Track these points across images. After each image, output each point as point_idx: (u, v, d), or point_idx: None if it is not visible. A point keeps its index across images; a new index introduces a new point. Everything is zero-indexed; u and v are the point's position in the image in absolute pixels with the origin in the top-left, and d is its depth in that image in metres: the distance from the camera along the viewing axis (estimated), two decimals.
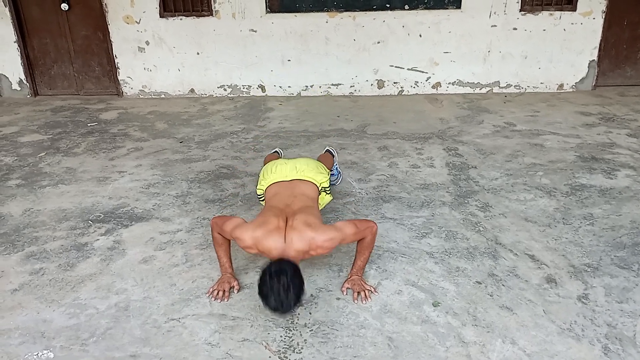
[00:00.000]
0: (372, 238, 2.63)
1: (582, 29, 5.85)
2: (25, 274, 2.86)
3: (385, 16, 5.91)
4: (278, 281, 2.21)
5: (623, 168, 3.98)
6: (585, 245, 2.99)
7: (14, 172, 4.24)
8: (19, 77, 6.40)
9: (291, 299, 2.24)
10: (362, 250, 2.64)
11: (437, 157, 4.28)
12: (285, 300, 2.22)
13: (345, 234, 2.54)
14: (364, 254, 2.65)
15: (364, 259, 2.66)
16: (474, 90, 6.18)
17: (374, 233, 2.63)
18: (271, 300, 2.23)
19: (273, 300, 2.23)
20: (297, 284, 2.27)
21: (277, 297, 2.22)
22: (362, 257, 2.65)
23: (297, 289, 2.26)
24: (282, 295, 2.21)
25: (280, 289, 2.21)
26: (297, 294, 2.26)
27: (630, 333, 2.31)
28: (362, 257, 2.65)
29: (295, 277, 2.27)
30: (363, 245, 2.63)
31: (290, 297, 2.23)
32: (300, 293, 2.28)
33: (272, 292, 2.22)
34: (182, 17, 6.05)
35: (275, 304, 2.23)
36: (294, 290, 2.24)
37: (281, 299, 2.22)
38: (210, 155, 4.49)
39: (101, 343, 2.34)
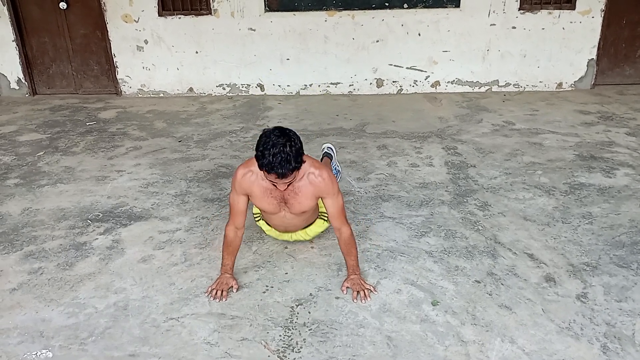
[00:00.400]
0: (352, 234, 2.63)
1: (581, 28, 5.85)
2: (24, 273, 2.86)
3: (385, 15, 5.91)
4: (277, 135, 2.27)
5: (622, 167, 3.98)
6: (584, 244, 2.99)
7: (13, 171, 4.23)
8: (18, 76, 6.39)
9: (292, 155, 2.25)
10: (348, 249, 2.63)
11: (436, 156, 4.28)
12: (283, 154, 2.23)
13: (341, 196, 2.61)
14: (351, 252, 2.64)
15: (354, 257, 2.65)
16: (473, 89, 6.18)
17: (351, 231, 2.64)
18: (269, 156, 2.24)
19: (271, 156, 2.23)
20: (297, 141, 2.32)
21: (279, 152, 2.23)
22: (352, 255, 2.65)
23: (297, 145, 2.31)
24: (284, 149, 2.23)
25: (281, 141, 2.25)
26: (297, 149, 2.30)
27: (629, 332, 2.31)
28: (352, 255, 2.65)
29: (294, 134, 2.32)
30: (346, 244, 2.62)
31: (292, 149, 2.26)
32: (300, 149, 2.32)
33: (271, 146, 2.23)
34: (180, 15, 6.04)
35: (273, 158, 2.23)
36: (294, 144, 2.28)
37: (280, 153, 2.23)
38: (209, 154, 4.48)
39: (100, 342, 2.33)
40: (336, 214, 2.60)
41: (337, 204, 2.59)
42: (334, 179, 2.58)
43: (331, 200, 2.57)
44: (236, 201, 2.61)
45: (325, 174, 2.54)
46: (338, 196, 2.59)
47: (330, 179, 2.55)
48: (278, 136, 2.28)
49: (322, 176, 2.53)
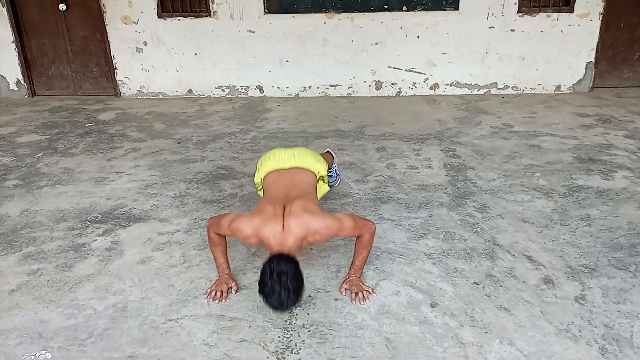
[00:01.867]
0: (370, 237, 2.63)
1: (579, 31, 5.87)
2: (23, 274, 2.85)
3: (383, 17, 5.92)
4: (279, 282, 2.22)
5: (620, 169, 4.00)
6: (582, 246, 3.00)
7: (12, 172, 4.23)
8: (17, 78, 6.39)
9: (291, 300, 2.26)
10: (360, 249, 2.64)
11: (434, 158, 4.29)
12: (286, 300, 2.24)
13: (344, 225, 2.53)
14: (361, 253, 2.64)
15: (362, 259, 2.66)
16: (471, 91, 6.19)
17: (372, 232, 2.63)
18: (272, 300, 2.25)
19: (274, 300, 2.25)
20: (297, 285, 2.28)
21: (278, 298, 2.23)
22: (360, 256, 2.65)
23: (297, 290, 2.28)
24: (282, 295, 2.22)
25: (281, 289, 2.22)
26: (297, 294, 2.28)
27: (628, 334, 2.32)
28: (360, 256, 2.65)
29: (296, 277, 2.27)
30: (361, 244, 2.63)
31: (290, 298, 2.25)
32: (300, 292, 2.30)
33: (273, 293, 2.23)
34: (180, 17, 6.05)
35: (275, 303, 2.26)
36: (294, 290, 2.25)
37: (281, 300, 2.23)
38: (208, 155, 4.49)
39: (99, 344, 2.33)
40: (351, 234, 2.60)
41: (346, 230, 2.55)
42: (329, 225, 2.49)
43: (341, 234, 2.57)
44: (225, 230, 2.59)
45: (319, 235, 2.48)
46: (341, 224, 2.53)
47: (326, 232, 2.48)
48: (279, 283, 2.24)
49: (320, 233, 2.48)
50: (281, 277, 2.23)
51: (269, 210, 2.50)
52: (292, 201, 2.55)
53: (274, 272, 2.25)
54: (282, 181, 2.79)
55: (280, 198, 2.62)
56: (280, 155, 2.97)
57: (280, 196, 2.64)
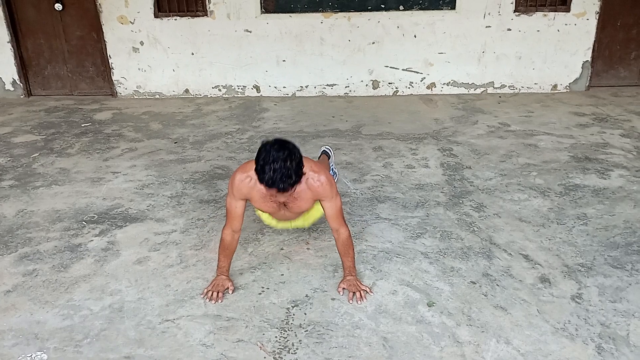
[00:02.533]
0: (350, 236, 2.62)
1: (576, 30, 5.88)
2: (19, 275, 2.84)
3: (380, 17, 5.92)
4: (277, 149, 2.21)
5: (616, 168, 4.00)
6: (579, 245, 3.00)
7: (7, 172, 4.22)
8: (13, 78, 6.37)
9: (292, 166, 2.21)
10: (345, 251, 2.63)
11: (431, 158, 4.29)
12: (284, 169, 2.19)
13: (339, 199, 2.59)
14: (348, 253, 2.64)
15: (351, 258, 2.65)
16: (468, 90, 6.19)
17: (349, 233, 2.63)
18: (269, 171, 2.19)
19: (271, 172, 2.18)
20: (298, 156, 2.27)
21: (276, 166, 2.18)
22: (348, 257, 2.65)
23: (298, 160, 2.26)
24: (281, 161, 2.18)
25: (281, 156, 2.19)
26: (298, 164, 2.25)
27: (624, 332, 2.32)
28: (348, 257, 2.65)
29: (296, 148, 2.28)
30: (343, 245, 2.62)
31: (291, 165, 2.21)
32: (300, 165, 2.27)
33: (272, 161, 2.18)
34: (176, 17, 6.03)
35: (274, 174, 2.18)
36: (295, 159, 2.24)
37: (280, 168, 2.18)
38: (205, 155, 4.48)
39: (95, 344, 2.33)
40: (334, 215, 2.60)
41: (335, 206, 2.58)
42: (332, 182, 2.57)
43: (329, 203, 2.57)
44: (234, 205, 2.60)
45: (324, 177, 2.53)
46: (336, 198, 2.58)
47: (328, 182, 2.54)
48: (278, 150, 2.21)
49: (320, 180, 2.52)
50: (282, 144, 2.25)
51: None
52: None
53: (274, 142, 2.26)
54: None
55: None
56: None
57: None
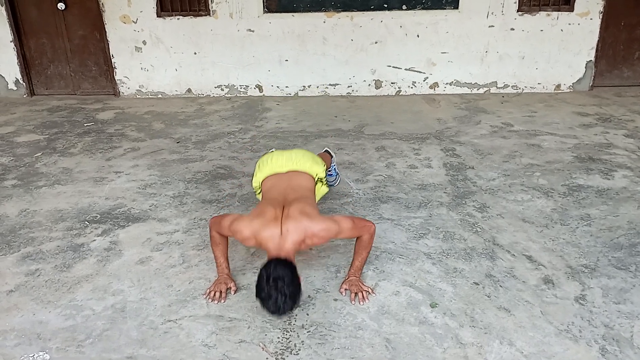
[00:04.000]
0: (370, 238, 2.63)
1: (579, 30, 5.86)
2: (21, 275, 2.84)
3: (383, 16, 5.91)
4: (275, 287, 2.24)
5: (620, 169, 3.99)
6: (582, 246, 2.99)
7: (10, 172, 4.22)
8: (16, 77, 6.38)
9: (288, 305, 2.28)
10: (360, 250, 2.64)
11: (434, 158, 4.28)
12: (282, 305, 2.27)
13: (342, 227, 2.54)
14: (361, 254, 2.64)
15: (362, 260, 2.65)
16: (471, 90, 6.18)
17: (372, 233, 2.63)
18: (268, 304, 2.28)
19: (270, 305, 2.28)
20: (294, 290, 2.29)
21: (274, 303, 2.26)
22: (360, 257, 2.65)
23: (294, 295, 2.30)
24: (279, 300, 2.25)
25: (278, 295, 2.24)
26: (293, 300, 2.30)
27: (628, 334, 2.31)
28: (360, 257, 2.65)
29: (292, 282, 2.28)
30: (360, 245, 2.63)
31: (287, 303, 2.27)
32: (296, 298, 2.32)
33: (269, 298, 2.25)
34: (179, 16, 6.03)
35: (272, 308, 2.29)
36: (291, 296, 2.27)
37: (278, 304, 2.26)
38: (208, 155, 4.48)
39: (97, 344, 2.32)
40: (351, 235, 2.60)
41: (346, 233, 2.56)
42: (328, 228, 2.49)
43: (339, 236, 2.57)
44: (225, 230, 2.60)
45: (318, 238, 2.49)
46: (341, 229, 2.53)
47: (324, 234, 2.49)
48: (276, 288, 2.24)
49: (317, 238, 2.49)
50: (277, 283, 2.24)
51: (268, 212, 2.51)
52: (291, 204, 2.56)
53: (270, 277, 2.26)
54: (280, 185, 2.80)
55: (279, 201, 2.62)
56: (278, 159, 2.97)
57: (279, 199, 2.64)
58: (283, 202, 2.60)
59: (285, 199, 2.65)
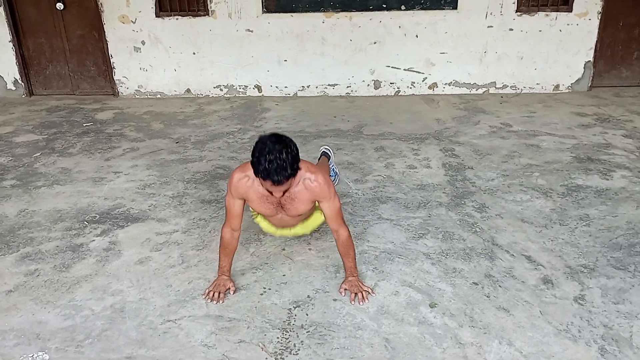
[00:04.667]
0: (350, 235, 2.62)
1: (578, 30, 5.87)
2: (20, 275, 2.84)
3: (382, 16, 5.91)
4: (273, 142, 2.23)
5: (619, 169, 3.99)
6: (581, 246, 2.99)
7: (9, 172, 4.21)
8: (14, 77, 6.37)
9: (287, 162, 2.23)
10: (345, 251, 2.63)
11: (433, 158, 4.28)
12: (279, 160, 2.20)
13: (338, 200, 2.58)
14: (348, 254, 2.63)
15: (352, 259, 2.65)
16: (470, 90, 6.18)
17: (349, 233, 2.62)
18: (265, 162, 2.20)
19: (267, 163, 2.20)
20: (294, 148, 2.30)
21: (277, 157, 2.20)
22: (349, 257, 2.64)
23: (294, 152, 2.29)
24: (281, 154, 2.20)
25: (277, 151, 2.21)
26: (294, 157, 2.27)
27: (627, 334, 2.32)
28: (349, 257, 2.64)
29: (292, 142, 2.31)
30: (343, 245, 2.61)
31: (287, 159, 2.22)
32: (296, 157, 2.29)
33: (269, 153, 2.20)
34: (178, 17, 6.03)
35: (269, 166, 2.20)
36: (292, 151, 2.26)
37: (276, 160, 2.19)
38: (207, 155, 4.47)
39: (97, 345, 2.32)
40: (333, 216, 2.59)
41: (334, 207, 2.58)
42: (329, 183, 2.57)
43: (327, 204, 2.57)
44: (232, 204, 2.60)
45: (321, 178, 2.53)
46: (334, 199, 2.58)
47: (325, 183, 2.54)
48: (274, 142, 2.24)
49: (317, 181, 2.52)
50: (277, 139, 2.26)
51: None
52: None
53: (269, 135, 2.28)
54: None
55: None
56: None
57: None
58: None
59: None
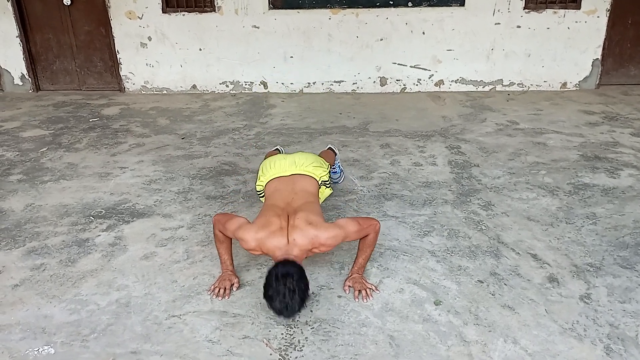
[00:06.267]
0: (375, 236, 2.63)
1: (586, 28, 5.83)
2: (26, 269, 2.86)
3: (389, 13, 5.89)
4: (284, 284, 2.24)
5: (626, 167, 3.97)
6: (587, 244, 2.98)
7: (16, 167, 4.23)
8: (21, 72, 6.40)
9: (296, 303, 2.27)
10: (364, 248, 2.64)
11: (439, 155, 4.27)
12: (290, 303, 2.25)
13: (348, 231, 2.54)
14: (365, 252, 2.64)
15: (366, 257, 2.65)
16: (477, 88, 6.16)
17: (377, 231, 2.63)
18: (276, 303, 2.27)
19: (278, 303, 2.26)
20: (303, 287, 2.29)
21: (283, 300, 2.24)
22: (364, 255, 2.65)
23: (302, 293, 2.29)
24: (287, 298, 2.24)
25: (286, 292, 2.23)
26: (302, 298, 2.29)
27: (633, 333, 2.30)
28: (364, 255, 2.65)
29: (301, 280, 2.29)
30: (365, 243, 2.63)
31: (295, 301, 2.26)
32: (305, 297, 2.31)
33: (278, 295, 2.24)
34: (184, 13, 6.03)
35: (280, 306, 2.27)
36: (299, 293, 2.27)
37: (286, 302, 2.25)
38: (212, 151, 4.48)
39: (102, 339, 2.33)
40: (354, 238, 2.60)
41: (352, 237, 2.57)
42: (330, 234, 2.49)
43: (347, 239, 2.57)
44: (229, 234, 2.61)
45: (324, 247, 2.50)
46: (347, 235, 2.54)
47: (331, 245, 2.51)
48: (284, 285, 2.25)
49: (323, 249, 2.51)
50: (286, 279, 2.24)
51: (274, 223, 2.50)
52: (296, 212, 2.56)
53: (279, 274, 2.26)
54: (284, 189, 2.81)
55: (283, 207, 2.63)
56: (281, 163, 2.99)
57: (283, 205, 2.65)
58: (287, 210, 2.60)
59: (290, 205, 2.65)
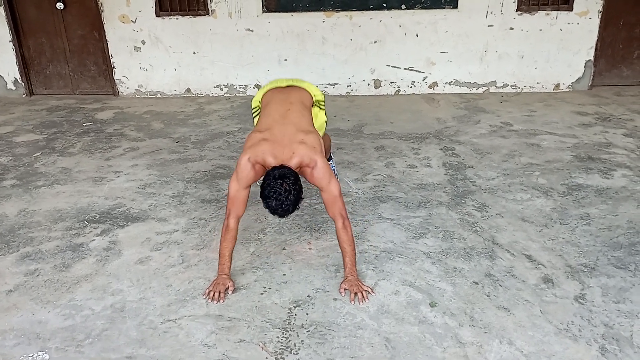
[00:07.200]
0: (350, 232, 2.65)
1: (578, 29, 5.86)
2: (20, 274, 2.84)
3: (382, 16, 5.91)
4: (280, 184, 2.43)
5: (619, 168, 3.99)
6: (582, 245, 2.99)
7: (9, 172, 4.21)
8: (14, 77, 6.37)
9: (290, 202, 2.47)
10: (345, 247, 2.65)
11: (434, 157, 4.28)
12: (285, 202, 2.46)
13: (335, 183, 2.64)
14: (346, 250, 2.64)
15: (351, 256, 2.65)
16: (470, 90, 6.18)
17: (349, 226, 2.67)
18: (272, 201, 2.47)
19: (274, 202, 2.46)
20: (297, 189, 2.50)
21: (278, 198, 2.45)
22: (347, 254, 2.64)
23: (296, 194, 2.50)
24: (282, 196, 2.44)
25: (282, 191, 2.44)
26: (296, 198, 2.50)
27: (627, 333, 2.31)
28: (347, 254, 2.64)
29: (296, 183, 2.48)
30: (343, 239, 2.64)
31: (289, 200, 2.47)
32: (298, 199, 2.53)
33: (274, 194, 2.43)
34: (178, 16, 6.03)
35: (275, 205, 2.47)
36: (294, 194, 2.48)
37: (281, 201, 2.45)
38: (207, 155, 4.47)
39: (97, 344, 2.32)
40: (329, 203, 2.66)
41: (330, 194, 2.64)
42: (326, 169, 2.62)
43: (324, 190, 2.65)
44: (239, 194, 2.67)
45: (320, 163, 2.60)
46: (331, 185, 2.62)
47: (323, 171, 2.61)
48: (281, 184, 2.46)
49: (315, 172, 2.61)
50: (283, 180, 2.46)
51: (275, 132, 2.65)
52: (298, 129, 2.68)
53: (277, 174, 2.46)
54: (279, 97, 2.95)
55: (277, 119, 2.74)
56: (279, 80, 3.16)
57: (277, 117, 2.76)
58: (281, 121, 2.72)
59: (284, 116, 2.76)
